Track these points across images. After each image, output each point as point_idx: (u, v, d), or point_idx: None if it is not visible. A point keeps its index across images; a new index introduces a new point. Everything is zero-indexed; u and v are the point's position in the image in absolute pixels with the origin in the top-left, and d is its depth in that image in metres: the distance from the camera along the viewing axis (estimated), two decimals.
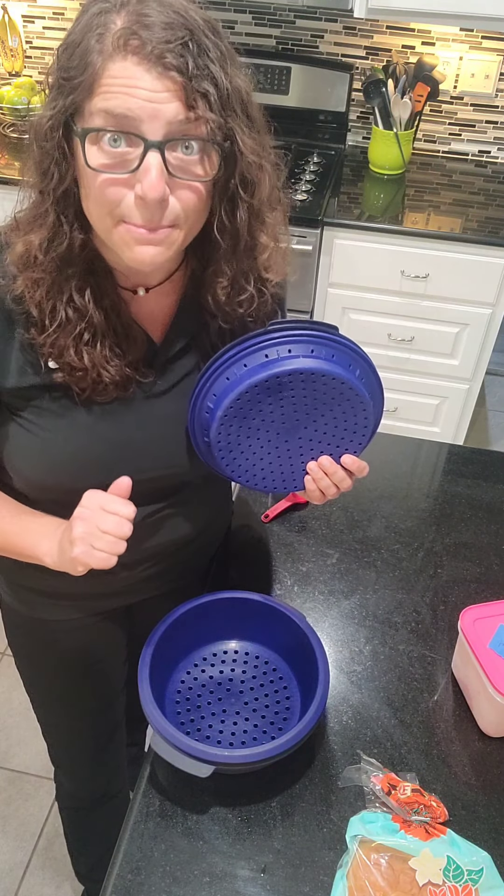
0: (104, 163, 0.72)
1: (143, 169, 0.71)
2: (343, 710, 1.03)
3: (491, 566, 1.24)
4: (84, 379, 0.85)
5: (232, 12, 2.53)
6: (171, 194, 0.74)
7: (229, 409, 0.84)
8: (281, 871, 0.87)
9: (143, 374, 0.89)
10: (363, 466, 0.93)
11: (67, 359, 0.84)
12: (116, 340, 0.86)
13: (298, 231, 2.24)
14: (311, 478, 0.93)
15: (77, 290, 0.82)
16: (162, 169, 0.71)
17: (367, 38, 2.48)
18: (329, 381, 0.85)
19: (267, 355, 0.84)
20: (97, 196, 0.74)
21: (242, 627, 1.06)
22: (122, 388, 0.88)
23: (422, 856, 0.85)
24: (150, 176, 0.71)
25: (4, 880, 1.74)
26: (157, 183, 0.71)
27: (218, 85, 0.72)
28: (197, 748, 0.86)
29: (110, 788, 1.44)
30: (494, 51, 2.40)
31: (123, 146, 0.71)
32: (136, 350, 0.88)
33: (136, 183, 0.72)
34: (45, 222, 0.78)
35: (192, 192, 0.75)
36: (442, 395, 2.50)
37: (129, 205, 0.73)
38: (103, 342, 0.85)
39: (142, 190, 0.71)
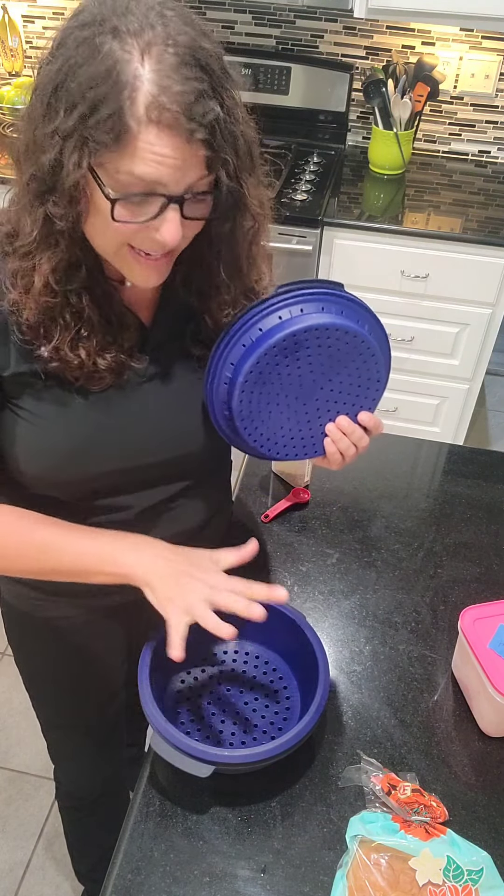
0: (127, 215, 0.75)
1: (163, 219, 0.75)
2: (343, 710, 1.03)
3: (491, 566, 1.24)
4: (79, 369, 0.86)
5: (232, 12, 2.53)
6: None
7: (249, 375, 0.85)
8: (281, 871, 0.87)
9: (137, 359, 0.90)
10: (378, 423, 0.95)
11: (63, 356, 0.85)
12: (110, 329, 0.87)
13: (298, 231, 2.24)
14: (331, 439, 0.94)
15: (75, 296, 0.83)
16: (179, 219, 0.75)
17: (367, 38, 2.48)
18: (342, 336, 0.87)
19: (280, 317, 0.85)
20: (110, 230, 0.76)
21: (242, 627, 1.06)
22: (117, 374, 0.89)
23: (422, 856, 0.85)
24: (169, 227, 0.75)
25: (4, 880, 1.74)
26: (175, 233, 0.75)
27: (238, 151, 0.77)
28: (197, 748, 0.86)
29: (110, 788, 1.44)
30: (494, 51, 2.40)
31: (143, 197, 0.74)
32: (130, 336, 0.89)
33: (152, 230, 0.76)
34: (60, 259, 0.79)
35: (197, 227, 0.80)
36: (442, 395, 2.50)
37: (141, 237, 0.77)
38: (96, 333, 0.86)
39: (161, 237, 0.76)
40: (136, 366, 0.90)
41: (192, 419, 0.96)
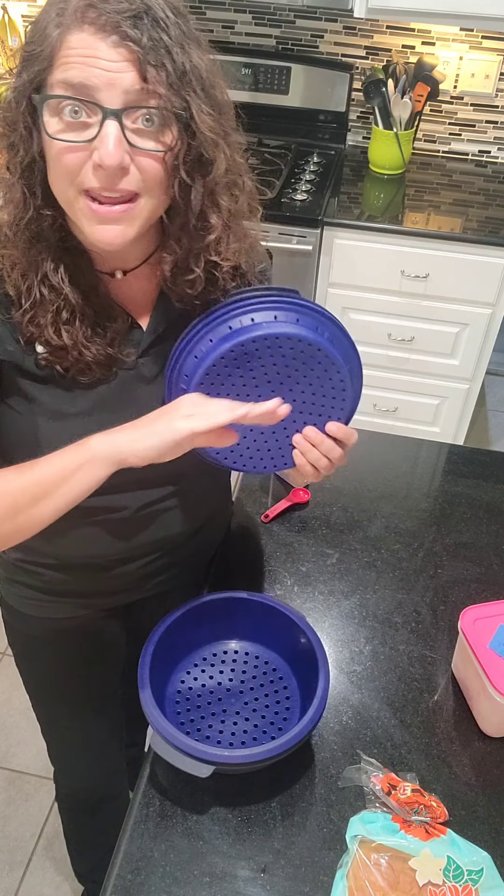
0: (63, 129, 0.73)
1: (101, 136, 0.72)
2: (343, 710, 1.03)
3: (491, 566, 1.24)
4: (66, 357, 0.86)
5: (232, 12, 2.53)
6: (133, 164, 0.75)
7: (200, 387, 0.84)
8: (281, 871, 0.87)
9: (126, 354, 0.90)
10: (350, 433, 0.92)
11: (46, 336, 0.84)
12: (96, 319, 0.86)
13: (298, 231, 2.24)
14: (299, 451, 0.92)
15: (51, 270, 0.82)
16: (120, 136, 0.72)
17: (367, 37, 2.48)
18: (296, 345, 0.84)
19: (231, 327, 0.83)
20: (57, 165, 0.75)
21: (242, 627, 1.06)
22: (106, 367, 0.89)
23: (422, 856, 0.85)
24: (107, 142, 0.72)
25: (4, 880, 1.74)
26: (114, 150, 0.72)
27: (174, 59, 0.73)
28: (197, 748, 0.86)
29: (110, 788, 1.44)
30: (494, 51, 2.40)
31: (83, 117, 0.73)
32: (117, 329, 0.88)
33: (95, 151, 0.73)
34: (13, 198, 0.79)
35: (154, 162, 0.76)
36: (442, 394, 2.50)
37: (88, 173, 0.74)
38: (83, 321, 0.85)
39: (99, 157, 0.72)
40: (125, 360, 0.90)
41: None
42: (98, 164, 0.73)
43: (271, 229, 2.25)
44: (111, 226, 0.77)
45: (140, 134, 0.74)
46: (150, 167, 0.76)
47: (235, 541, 1.26)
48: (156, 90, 0.72)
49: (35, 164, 0.77)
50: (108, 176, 0.74)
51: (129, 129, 0.73)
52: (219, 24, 2.55)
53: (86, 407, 0.90)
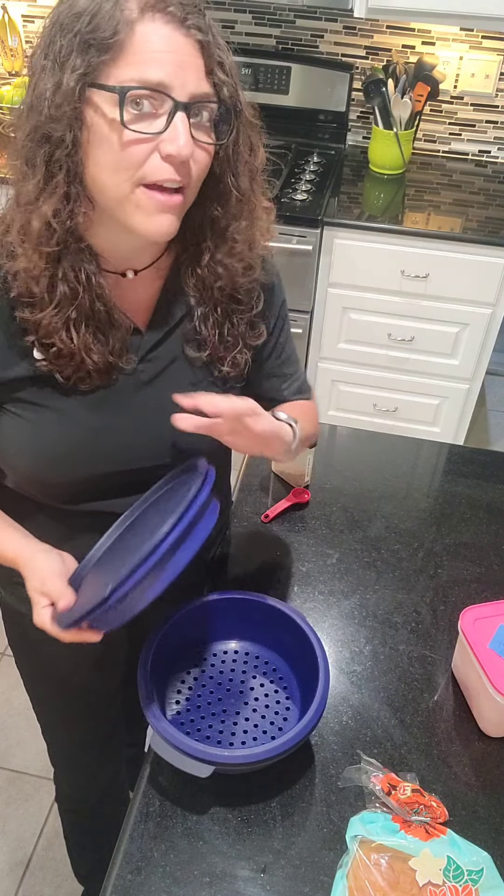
0: (132, 120, 0.74)
1: (173, 128, 0.74)
2: (343, 710, 1.03)
3: (491, 566, 1.24)
4: (68, 365, 0.86)
5: (232, 12, 2.53)
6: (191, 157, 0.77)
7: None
8: (281, 871, 0.87)
9: (126, 361, 0.90)
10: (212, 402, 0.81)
11: (56, 340, 0.84)
12: (99, 326, 0.86)
13: (298, 231, 2.24)
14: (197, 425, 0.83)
15: (70, 268, 0.82)
16: (188, 128, 0.75)
17: (367, 37, 2.48)
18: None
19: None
20: (120, 157, 0.75)
21: (242, 627, 1.06)
22: (105, 375, 0.89)
23: (422, 856, 0.85)
24: (180, 134, 0.74)
25: (4, 880, 1.74)
26: (187, 141, 0.75)
27: (227, 54, 0.79)
28: (197, 748, 0.86)
29: (110, 789, 1.44)
30: (494, 51, 2.40)
31: (148, 108, 0.74)
32: (119, 336, 0.88)
33: (162, 143, 0.75)
34: (55, 192, 0.77)
35: (207, 155, 0.80)
36: (442, 394, 2.50)
37: (154, 164, 0.76)
38: (87, 326, 0.85)
39: (175, 148, 0.74)
40: (125, 367, 0.90)
41: None
42: (170, 154, 0.75)
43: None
44: (168, 215, 0.79)
45: (197, 127, 0.77)
46: (203, 159, 0.79)
47: (235, 541, 1.26)
48: (218, 81, 0.77)
49: (79, 157, 0.76)
50: (178, 167, 0.76)
51: (191, 123, 0.76)
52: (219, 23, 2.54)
53: (80, 409, 0.90)
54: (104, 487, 0.96)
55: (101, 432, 0.92)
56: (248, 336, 0.96)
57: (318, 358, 2.52)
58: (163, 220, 0.79)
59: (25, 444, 0.91)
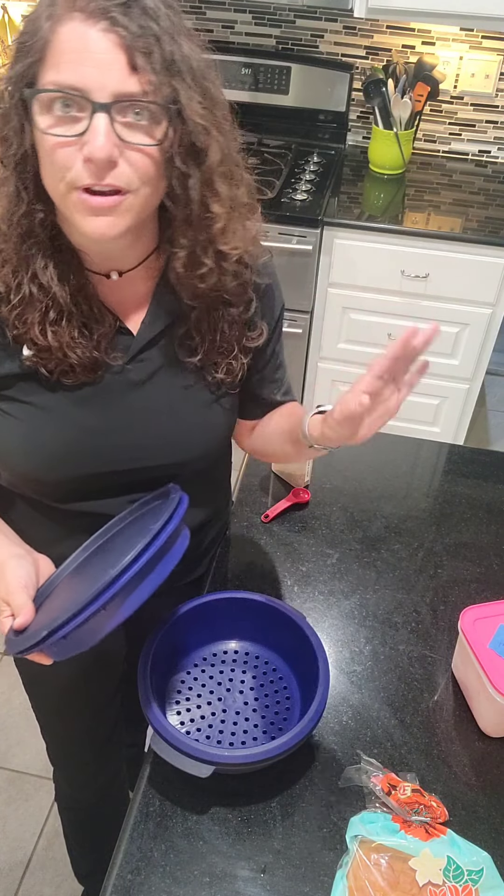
0: (54, 124, 0.74)
1: (90, 130, 0.72)
2: (343, 710, 1.03)
3: (491, 566, 1.24)
4: (51, 359, 0.86)
5: (232, 12, 2.53)
6: (122, 158, 0.75)
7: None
8: (281, 871, 0.87)
9: (113, 358, 0.89)
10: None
11: (32, 336, 0.84)
12: (83, 321, 0.86)
13: (298, 231, 2.24)
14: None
15: (41, 267, 0.82)
16: (109, 130, 0.72)
17: (367, 37, 2.48)
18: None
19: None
20: (49, 160, 0.75)
21: (242, 627, 1.06)
22: (91, 370, 0.88)
23: (422, 856, 0.85)
24: (97, 136, 0.72)
25: (4, 880, 1.74)
26: (104, 143, 0.72)
27: (162, 47, 0.73)
28: (197, 748, 0.86)
29: (110, 789, 1.44)
30: (494, 51, 2.40)
31: (74, 111, 0.73)
32: (104, 332, 0.88)
33: (85, 145, 0.73)
34: (6, 192, 0.79)
35: (145, 157, 0.76)
36: (442, 395, 2.50)
37: (79, 168, 0.74)
38: (70, 322, 0.85)
39: (89, 150, 0.73)
40: (112, 364, 0.90)
41: (179, 426, 0.95)
42: (88, 157, 0.73)
43: (271, 229, 2.25)
44: (103, 217, 0.77)
45: (130, 127, 0.74)
46: (140, 161, 0.76)
47: (235, 541, 1.26)
48: (145, 79, 0.72)
49: (27, 158, 0.77)
50: (98, 169, 0.74)
51: (119, 123, 0.73)
52: (219, 24, 2.55)
53: (70, 407, 0.90)
54: (96, 487, 0.96)
55: (91, 432, 0.92)
56: (244, 339, 0.96)
57: (318, 358, 2.52)
58: (99, 223, 0.77)
59: (16, 442, 0.91)
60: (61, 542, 1.00)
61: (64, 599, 0.84)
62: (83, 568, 0.91)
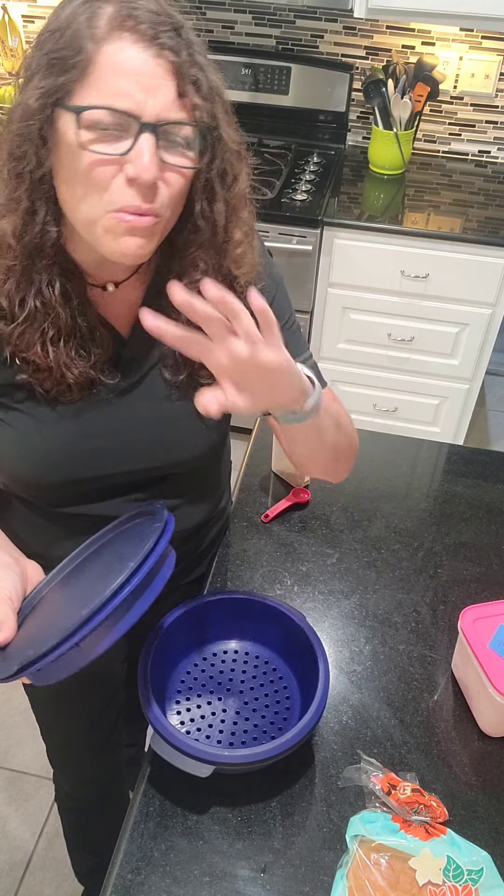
0: (94, 140, 0.72)
1: (137, 150, 0.71)
2: (343, 710, 1.03)
3: (491, 566, 1.24)
4: (48, 379, 0.85)
5: (232, 12, 2.53)
6: (161, 180, 0.74)
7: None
8: (281, 871, 0.87)
9: (108, 375, 0.89)
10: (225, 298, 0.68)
11: (33, 356, 0.83)
12: (81, 342, 0.85)
13: (298, 231, 2.24)
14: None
15: (46, 284, 0.81)
16: (155, 151, 0.72)
17: (367, 38, 2.48)
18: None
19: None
20: (85, 179, 0.73)
21: (242, 627, 1.06)
22: (86, 389, 0.88)
23: (422, 856, 0.85)
24: (143, 157, 0.71)
25: (4, 880, 1.74)
26: (150, 164, 0.71)
27: (206, 74, 0.74)
28: (197, 748, 0.86)
29: (110, 790, 1.44)
30: (494, 51, 2.40)
31: (115, 131, 0.71)
32: (102, 353, 0.87)
33: (128, 164, 0.72)
34: (17, 208, 0.77)
35: (180, 178, 0.76)
36: (442, 395, 2.50)
37: (120, 188, 0.73)
38: (67, 342, 0.84)
39: (135, 171, 0.71)
40: (108, 382, 0.89)
41: (169, 430, 0.95)
42: (133, 177, 0.72)
43: (271, 229, 2.26)
44: (137, 238, 0.76)
45: (170, 150, 0.74)
46: (176, 183, 0.75)
47: (235, 541, 1.26)
48: (191, 103, 0.73)
49: (46, 176, 0.75)
50: (144, 191, 0.73)
51: (161, 145, 0.73)
52: (219, 24, 2.55)
53: (63, 413, 0.89)
54: (91, 491, 0.96)
55: (84, 436, 0.91)
56: None
57: (318, 358, 2.51)
58: (130, 243, 0.76)
59: (10, 448, 0.91)
60: (57, 544, 1.00)
61: (46, 619, 0.83)
62: (70, 580, 0.90)
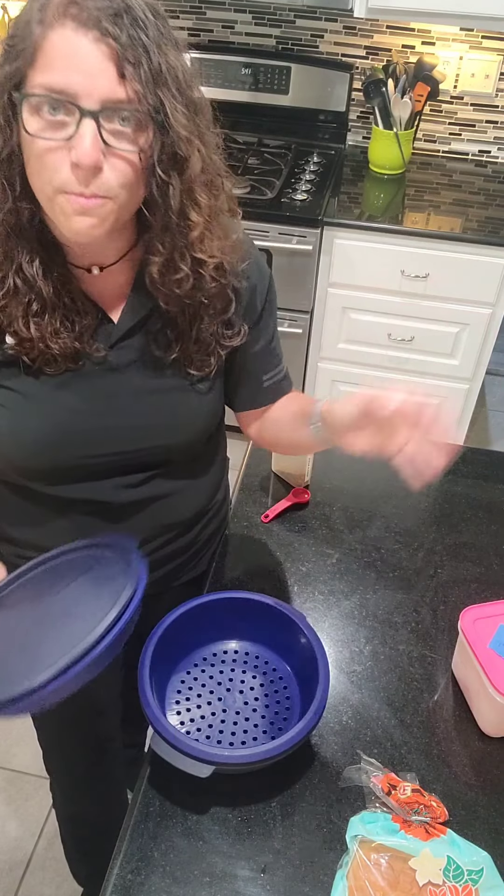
0: (42, 128, 0.74)
1: (78, 135, 0.73)
2: (343, 710, 1.03)
3: (491, 566, 1.24)
4: (32, 349, 0.87)
5: (232, 12, 2.53)
6: (106, 164, 0.76)
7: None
8: (281, 871, 0.87)
9: (95, 349, 0.91)
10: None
11: (16, 328, 0.86)
12: (66, 313, 0.88)
13: (298, 231, 2.24)
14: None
15: (26, 261, 0.84)
16: (96, 136, 0.73)
17: (367, 37, 2.48)
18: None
19: None
20: (36, 163, 0.76)
21: (242, 627, 1.06)
22: (72, 360, 0.90)
23: (422, 856, 0.85)
24: (83, 142, 0.73)
25: (4, 880, 1.74)
26: (90, 149, 0.73)
27: (150, 58, 0.74)
28: (197, 748, 0.86)
29: (108, 798, 1.43)
30: (494, 51, 2.40)
31: (62, 115, 0.74)
32: (86, 324, 0.89)
33: (72, 150, 0.74)
34: None
35: (126, 164, 0.77)
36: (442, 395, 2.50)
37: (66, 175, 0.75)
38: (52, 314, 0.86)
39: (76, 156, 0.74)
40: (94, 354, 0.91)
41: (158, 411, 0.96)
42: (75, 162, 0.74)
43: (271, 229, 2.25)
44: (86, 217, 0.78)
45: (116, 135, 0.75)
46: (122, 169, 0.77)
47: (235, 541, 1.26)
48: (132, 88, 0.74)
49: (13, 156, 0.78)
50: (84, 175, 0.75)
51: (106, 130, 0.74)
52: (219, 24, 2.55)
53: (52, 392, 0.91)
54: (81, 472, 0.97)
55: (73, 415, 0.93)
56: (222, 337, 0.96)
57: (318, 358, 2.52)
58: (82, 222, 0.78)
59: (1, 427, 0.92)
60: (46, 525, 1.01)
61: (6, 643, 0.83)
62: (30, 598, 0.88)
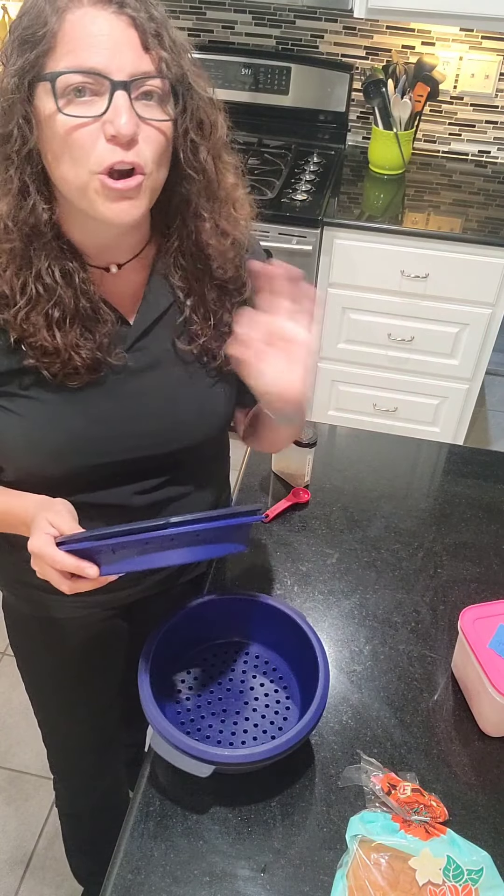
0: (73, 106, 0.74)
1: (113, 107, 0.74)
2: (343, 710, 1.03)
3: (491, 566, 1.24)
4: (55, 363, 0.86)
5: (232, 12, 2.53)
6: (140, 136, 0.76)
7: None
8: (281, 871, 0.87)
9: (115, 356, 0.90)
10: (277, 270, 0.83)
11: (40, 339, 0.84)
12: (85, 323, 0.87)
13: (298, 231, 2.24)
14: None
15: (45, 267, 0.83)
16: (130, 107, 0.74)
17: (367, 38, 2.48)
18: None
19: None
20: (66, 146, 0.76)
21: (242, 627, 1.06)
22: (94, 371, 0.89)
23: (422, 855, 0.85)
24: (120, 113, 0.74)
25: (4, 880, 1.74)
26: (129, 120, 0.74)
27: (168, 31, 0.77)
28: (197, 748, 0.86)
29: (110, 795, 1.44)
30: (494, 51, 2.40)
31: (88, 95, 0.74)
32: (106, 332, 0.88)
33: (107, 124, 0.75)
34: (9, 189, 0.79)
35: (160, 134, 0.78)
36: (442, 395, 2.50)
37: (102, 148, 0.75)
38: (73, 322, 0.86)
39: (114, 128, 0.74)
40: (114, 363, 0.90)
41: (178, 412, 0.96)
42: (113, 135, 0.74)
43: (271, 229, 2.25)
44: (126, 201, 0.78)
45: (145, 105, 0.76)
46: (156, 138, 0.78)
47: None
48: (157, 56, 0.75)
49: (32, 153, 0.77)
50: (124, 147, 0.75)
51: (136, 101, 0.75)
52: (219, 24, 2.55)
53: (70, 399, 0.90)
54: (100, 478, 0.96)
55: (92, 422, 0.92)
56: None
57: (318, 358, 2.52)
58: (123, 206, 0.78)
59: (18, 437, 0.91)
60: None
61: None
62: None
